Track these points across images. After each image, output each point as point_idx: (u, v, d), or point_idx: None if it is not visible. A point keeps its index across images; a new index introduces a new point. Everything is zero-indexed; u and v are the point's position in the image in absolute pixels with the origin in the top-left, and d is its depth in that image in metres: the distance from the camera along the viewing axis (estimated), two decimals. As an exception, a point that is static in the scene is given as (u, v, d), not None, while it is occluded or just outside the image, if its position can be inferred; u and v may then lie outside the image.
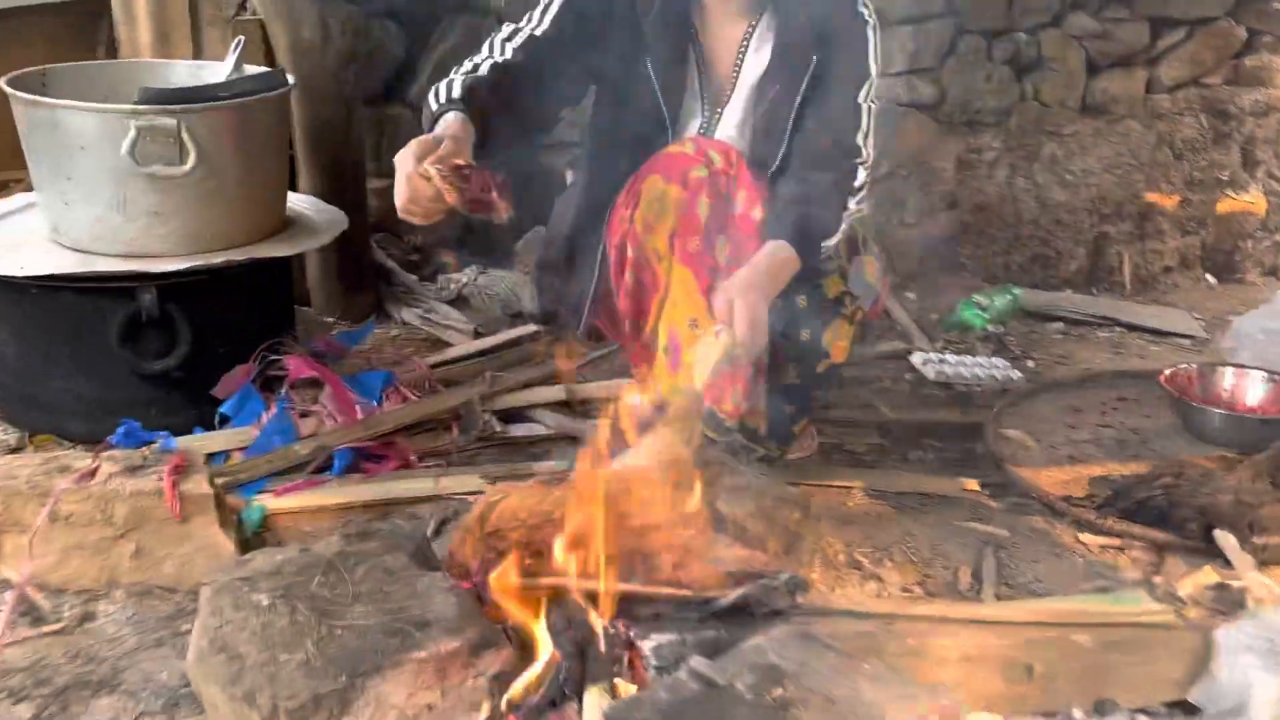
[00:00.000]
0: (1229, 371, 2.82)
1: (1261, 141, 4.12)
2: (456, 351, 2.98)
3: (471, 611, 1.64)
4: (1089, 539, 2.24)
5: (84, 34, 3.20)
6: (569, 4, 2.25)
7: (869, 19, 2.21)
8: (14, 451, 2.44)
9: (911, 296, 3.66)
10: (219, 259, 2.43)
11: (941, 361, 3.14)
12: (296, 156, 3.12)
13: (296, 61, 3.01)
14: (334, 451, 2.38)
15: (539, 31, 2.24)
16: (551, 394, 2.78)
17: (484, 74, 2.17)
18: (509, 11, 3.40)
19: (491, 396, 2.69)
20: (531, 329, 3.12)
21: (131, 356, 2.41)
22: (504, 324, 3.25)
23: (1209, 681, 1.61)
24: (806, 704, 1.35)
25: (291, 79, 2.66)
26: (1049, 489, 2.37)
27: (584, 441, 2.40)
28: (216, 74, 2.70)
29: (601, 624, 1.61)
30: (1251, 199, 4.03)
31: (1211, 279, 3.97)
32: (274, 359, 2.53)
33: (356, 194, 3.19)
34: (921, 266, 3.77)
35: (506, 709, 1.56)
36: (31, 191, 2.63)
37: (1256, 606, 1.87)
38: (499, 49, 2.22)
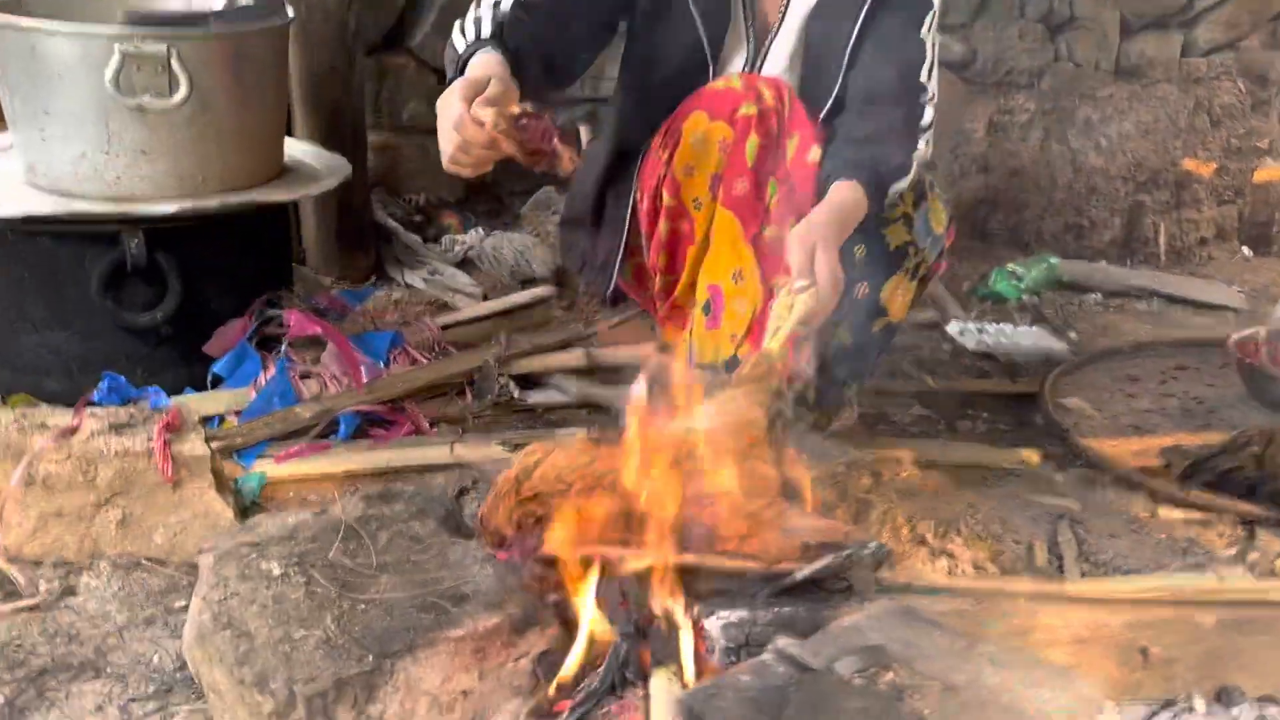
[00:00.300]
0: (1301, 337, 2.63)
1: (1302, 109, 3.95)
2: (467, 314, 2.77)
3: (512, 584, 1.44)
4: (1169, 513, 2.05)
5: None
6: None
7: None
8: (-16, 413, 2.21)
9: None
10: (213, 202, 2.20)
11: (981, 331, 2.96)
12: (293, 106, 2.89)
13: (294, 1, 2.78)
14: (339, 416, 2.18)
15: None
16: (571, 359, 2.57)
17: (507, 10, 1.94)
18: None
19: (508, 360, 2.48)
20: (546, 292, 2.91)
21: (115, 309, 2.20)
22: (513, 289, 3.03)
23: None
24: (922, 692, 1.15)
25: (291, 11, 2.44)
26: (1119, 460, 2.17)
27: (624, 405, 2.19)
28: (210, 3, 2.47)
29: (664, 600, 1.41)
30: (1291, 168, 3.86)
31: (1248, 251, 3.79)
32: (272, 314, 2.31)
33: (356, 148, 2.96)
34: (951, 233, 3.57)
35: (555, 694, 1.36)
36: (5, 132, 2.39)
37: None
38: None
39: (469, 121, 1.68)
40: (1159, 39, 3.84)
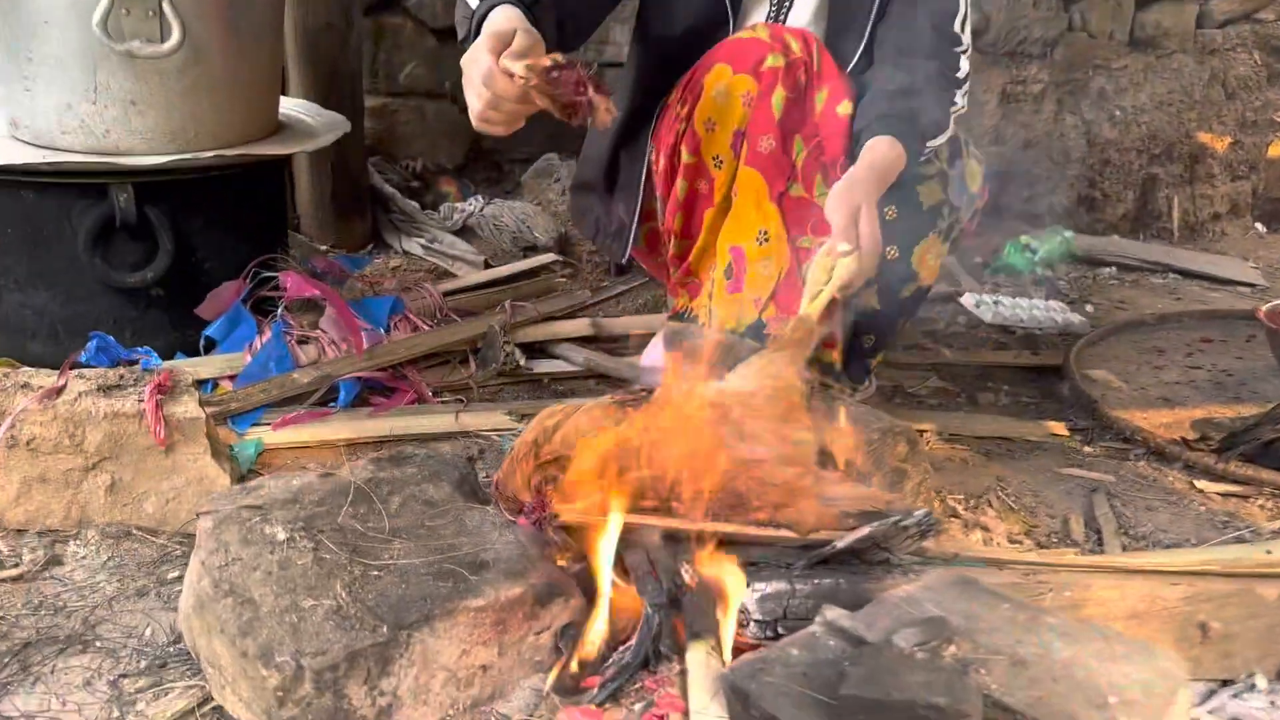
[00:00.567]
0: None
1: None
2: (469, 280, 2.66)
3: (534, 553, 1.33)
4: (1206, 485, 1.96)
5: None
6: None
7: None
8: (-36, 377, 2.09)
9: (953, 237, 3.37)
10: (206, 155, 2.08)
11: (997, 303, 2.86)
12: (287, 65, 2.78)
13: (290, -48, 2.66)
14: (338, 382, 2.09)
15: None
16: (578, 328, 2.47)
17: None
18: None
19: (513, 328, 2.37)
20: (550, 258, 2.80)
21: (103, 267, 2.08)
22: (515, 257, 2.93)
23: None
24: (988, 666, 1.06)
25: (288, -40, 2.32)
26: (1153, 432, 2.08)
27: (639, 374, 2.08)
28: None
29: (701, 568, 1.31)
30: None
31: (1261, 227, 3.72)
32: (267, 276, 2.19)
33: (353, 110, 2.85)
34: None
35: (580, 669, 1.26)
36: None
37: None
38: None
39: (499, 76, 1.57)
40: (1174, 9, 3.75)
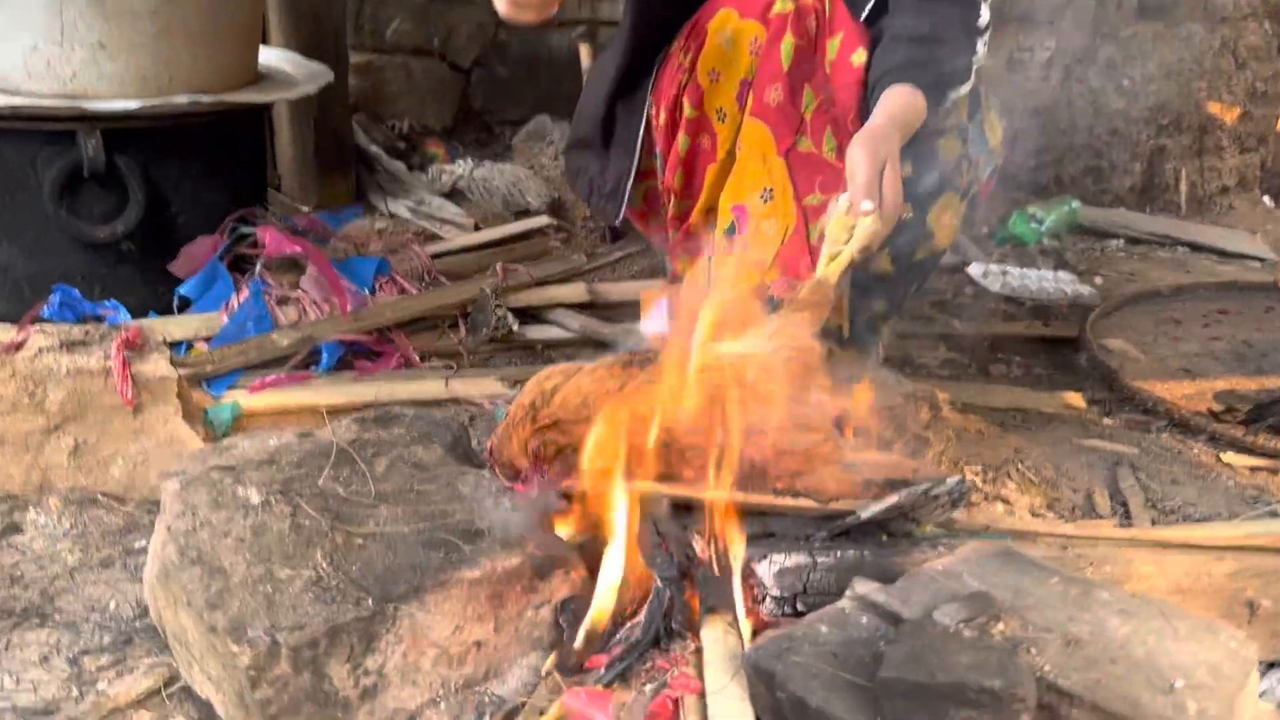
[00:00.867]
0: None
1: (1329, 53, 3.76)
2: (458, 243, 2.54)
3: (532, 521, 1.22)
4: (1233, 459, 1.86)
5: None
6: None
7: None
8: (-79, 335, 1.96)
9: (956, 207, 3.27)
10: (180, 100, 1.95)
11: (1004, 274, 2.76)
12: (268, 15, 2.64)
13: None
14: (321, 345, 1.99)
15: None
16: (573, 293, 2.36)
17: None
18: None
19: (505, 292, 2.26)
20: (543, 221, 2.68)
21: (70, 219, 1.97)
22: (506, 221, 2.81)
23: None
24: (1039, 644, 0.95)
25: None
26: (1175, 403, 1.99)
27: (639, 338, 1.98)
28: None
29: (716, 539, 1.21)
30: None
31: (1269, 201, 3.63)
32: (245, 232, 2.07)
33: (337, 64, 2.71)
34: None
35: (584, 647, 1.15)
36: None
37: None
38: None
39: None
40: (1185, -24, 3.65)
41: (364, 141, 2.91)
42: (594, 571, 1.22)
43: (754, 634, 1.15)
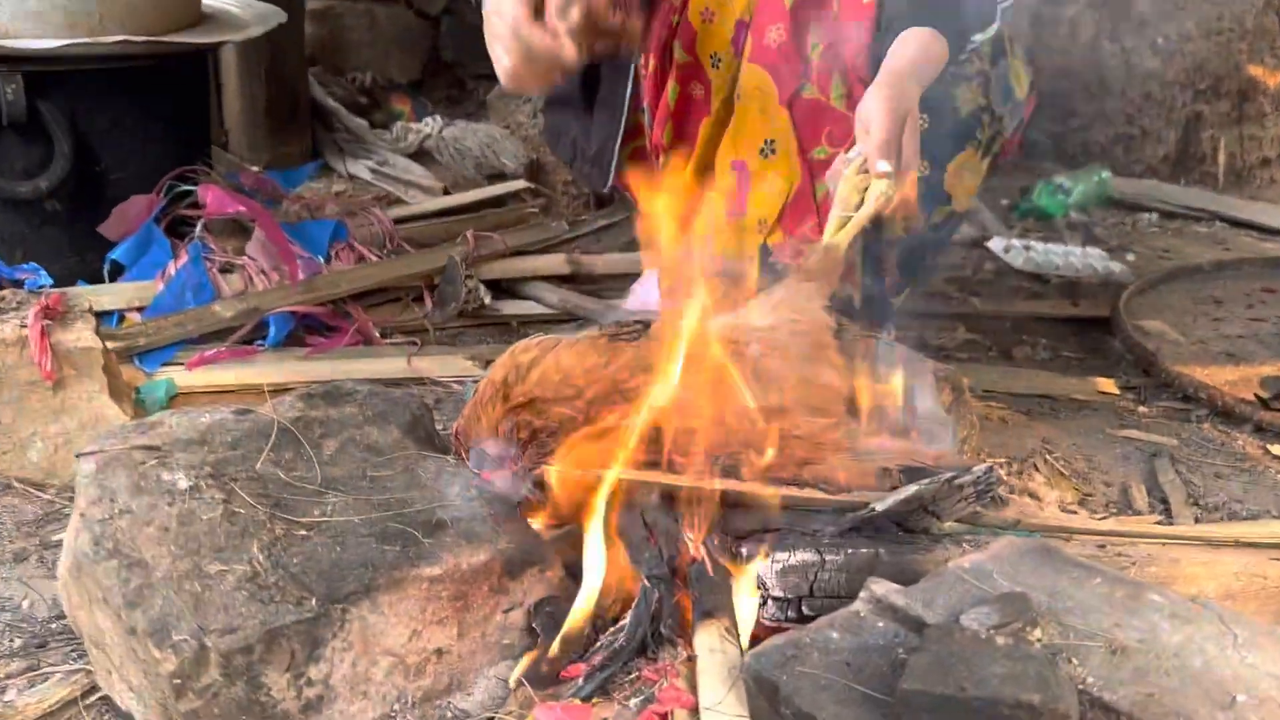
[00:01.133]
0: None
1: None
2: (425, 207, 2.50)
3: (502, 512, 1.17)
4: (1283, 451, 1.83)
5: None
6: None
7: None
8: None
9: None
10: (109, 40, 1.91)
11: (1028, 249, 2.72)
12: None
13: None
14: (268, 317, 1.98)
15: None
16: (552, 264, 2.32)
17: None
18: None
19: (477, 262, 2.21)
20: (520, 185, 2.63)
21: (-14, 174, 1.91)
22: (479, 185, 2.76)
23: None
24: (1082, 654, 0.90)
25: None
26: (1218, 390, 1.95)
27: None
28: None
29: (699, 537, 1.16)
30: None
31: (1313, 175, 3.59)
32: (185, 191, 2.02)
33: (291, 7, 2.66)
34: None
35: (560, 654, 1.10)
36: None
37: None
38: None
39: (536, 32, 1.44)
40: (1224, -76, 3.61)
41: (320, 95, 2.88)
42: (572, 569, 1.18)
43: (754, 641, 1.10)
